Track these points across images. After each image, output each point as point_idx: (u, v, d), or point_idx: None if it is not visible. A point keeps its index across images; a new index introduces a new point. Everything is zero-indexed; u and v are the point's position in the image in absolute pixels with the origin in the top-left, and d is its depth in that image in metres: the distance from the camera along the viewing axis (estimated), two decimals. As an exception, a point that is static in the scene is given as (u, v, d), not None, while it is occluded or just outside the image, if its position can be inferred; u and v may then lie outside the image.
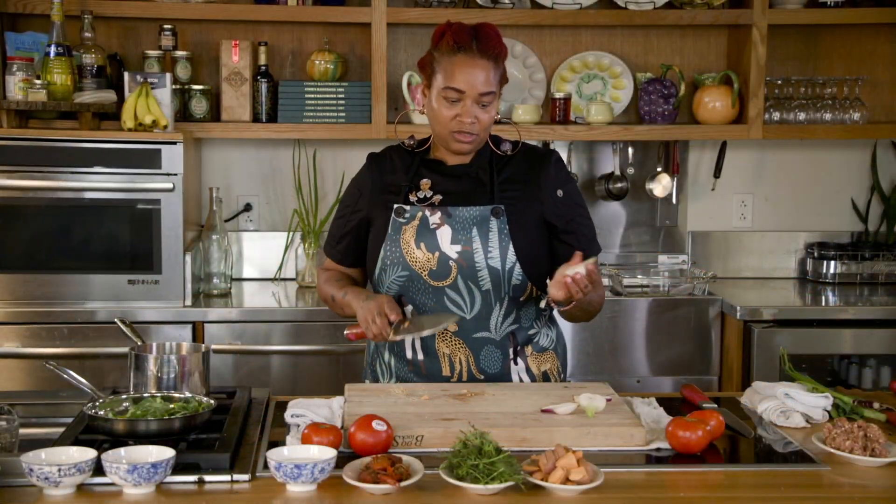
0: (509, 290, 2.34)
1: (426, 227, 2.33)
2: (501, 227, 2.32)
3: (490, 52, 2.29)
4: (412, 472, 1.76)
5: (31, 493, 1.74)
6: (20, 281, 3.41)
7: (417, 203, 2.36)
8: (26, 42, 3.64)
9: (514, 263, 2.31)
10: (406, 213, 2.34)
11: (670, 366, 3.67)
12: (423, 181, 2.39)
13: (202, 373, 2.16)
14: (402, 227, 2.34)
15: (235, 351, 3.44)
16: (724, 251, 4.19)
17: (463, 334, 2.34)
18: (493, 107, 2.31)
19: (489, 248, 2.31)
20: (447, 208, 2.33)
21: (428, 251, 2.32)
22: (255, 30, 3.93)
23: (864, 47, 4.13)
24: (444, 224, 2.33)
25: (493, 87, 2.29)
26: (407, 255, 2.33)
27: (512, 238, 2.31)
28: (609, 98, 4.03)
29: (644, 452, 1.97)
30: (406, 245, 2.33)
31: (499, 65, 2.31)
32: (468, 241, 2.31)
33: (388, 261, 2.35)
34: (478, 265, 2.31)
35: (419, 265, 2.32)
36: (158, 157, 3.40)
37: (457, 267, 2.31)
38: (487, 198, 2.35)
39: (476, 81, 2.27)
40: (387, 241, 2.35)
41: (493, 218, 2.32)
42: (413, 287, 2.34)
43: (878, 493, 1.79)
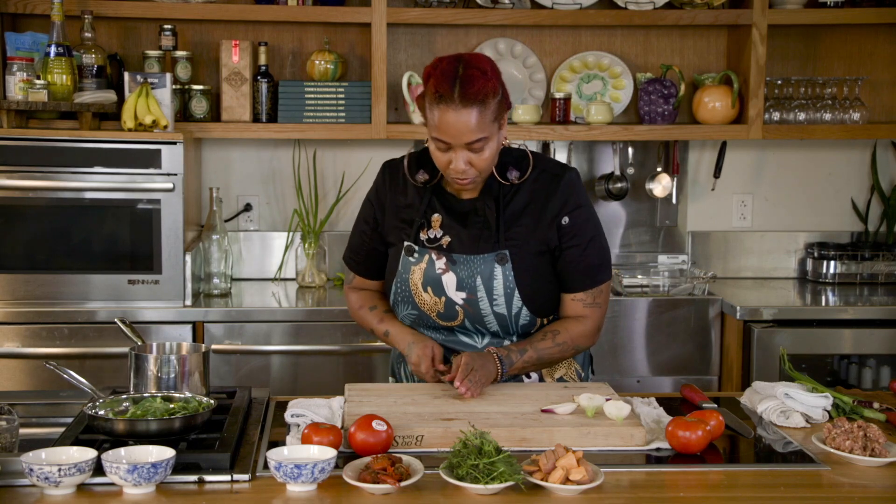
0: (517, 329, 2.35)
1: (433, 271, 2.32)
2: (507, 274, 2.29)
3: (474, 98, 2.14)
4: (412, 472, 1.76)
5: (32, 493, 1.74)
6: (20, 281, 3.41)
7: (427, 244, 2.33)
8: (26, 42, 3.64)
9: (520, 307, 2.31)
10: (415, 254, 2.33)
11: (670, 366, 3.67)
12: (434, 217, 2.34)
13: (202, 373, 2.16)
14: (411, 266, 2.33)
15: (235, 351, 3.44)
16: (724, 251, 4.19)
17: None
18: (490, 147, 2.20)
19: (494, 296, 2.30)
20: (452, 255, 2.31)
21: (434, 295, 2.32)
22: (255, 30, 3.93)
23: (864, 47, 4.13)
24: (448, 270, 2.31)
25: (484, 131, 2.17)
26: (416, 296, 2.34)
27: (517, 284, 2.29)
28: (609, 98, 4.03)
29: (644, 452, 1.97)
30: (414, 287, 2.33)
31: (488, 105, 2.16)
32: (472, 289, 2.30)
33: (399, 297, 2.36)
34: (483, 312, 2.31)
35: (427, 307, 2.34)
36: (158, 157, 3.40)
37: (463, 312, 2.32)
38: (492, 243, 2.29)
39: (461, 132, 2.16)
40: (397, 277, 2.35)
41: (497, 265, 2.29)
42: (423, 323, 2.37)
43: (878, 493, 1.79)
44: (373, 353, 3.48)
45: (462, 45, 4.02)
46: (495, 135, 2.21)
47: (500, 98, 2.21)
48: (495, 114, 2.19)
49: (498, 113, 2.21)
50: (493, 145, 2.21)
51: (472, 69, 2.17)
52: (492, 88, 2.18)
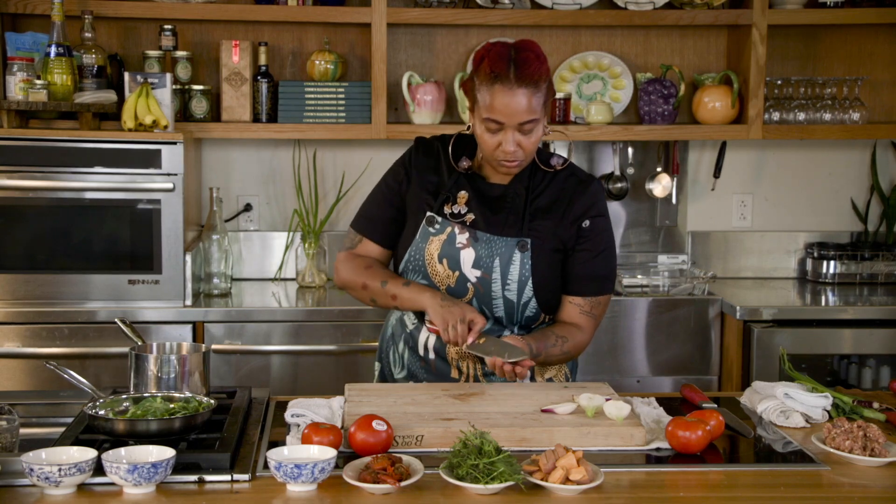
0: (521, 320, 2.37)
1: (452, 244, 2.33)
2: (524, 262, 2.32)
3: (529, 80, 2.21)
4: (412, 472, 1.76)
5: (32, 493, 1.74)
6: (20, 281, 3.41)
7: (450, 217, 2.35)
8: (27, 42, 3.64)
9: (530, 298, 2.34)
10: (437, 224, 2.35)
11: (670, 366, 3.67)
12: (460, 193, 2.37)
13: (202, 373, 2.16)
14: (429, 236, 2.34)
15: (235, 351, 3.44)
16: (724, 251, 4.20)
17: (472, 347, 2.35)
18: (537, 131, 2.27)
19: (508, 280, 2.32)
20: (476, 231, 2.33)
21: (449, 268, 2.33)
22: (255, 30, 3.93)
23: (864, 47, 4.13)
24: (469, 246, 2.33)
25: (535, 113, 2.23)
26: (429, 266, 2.34)
27: (533, 274, 2.32)
28: (609, 98, 4.03)
29: (644, 452, 1.97)
30: (430, 256, 2.34)
31: (540, 88, 2.23)
32: (489, 269, 2.32)
33: (410, 265, 2.37)
34: (494, 294, 2.33)
35: (439, 279, 2.34)
36: (158, 158, 3.40)
37: (474, 290, 2.33)
38: (517, 228, 2.34)
39: (515, 112, 2.21)
40: (413, 246, 2.36)
41: (517, 251, 2.32)
42: None
43: (878, 492, 1.79)
44: (373, 353, 3.48)
45: (462, 45, 4.02)
46: (543, 119, 2.28)
47: (549, 84, 2.28)
48: (545, 97, 2.26)
49: (547, 97, 2.27)
50: (540, 130, 2.28)
51: (526, 52, 2.25)
52: (544, 72, 2.26)
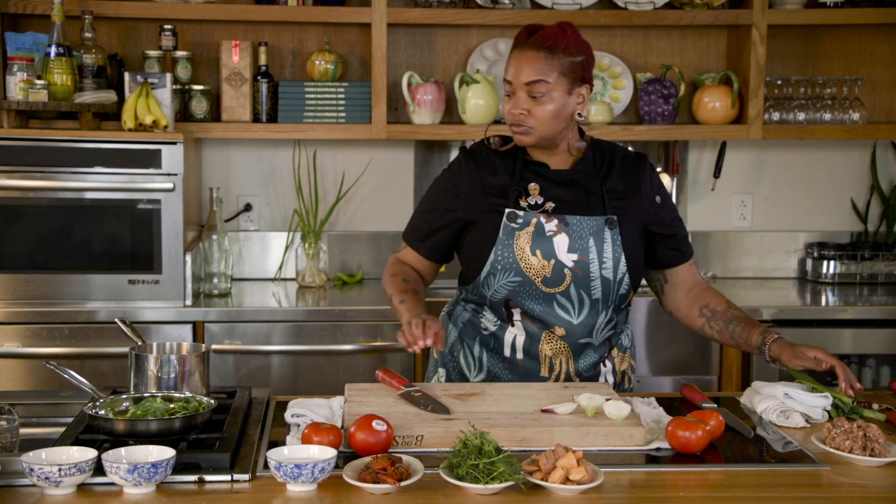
0: (616, 300, 2.38)
1: (542, 234, 2.32)
2: (615, 238, 2.34)
3: (543, 44, 2.27)
4: (412, 471, 1.76)
5: (32, 493, 1.74)
6: (20, 281, 3.41)
7: (529, 209, 2.35)
8: (27, 42, 3.64)
9: (624, 274, 2.35)
10: (519, 219, 2.34)
11: (670, 366, 3.67)
12: (531, 185, 2.37)
13: (202, 373, 2.16)
14: (514, 232, 2.33)
15: (235, 351, 3.44)
16: (724, 251, 4.20)
17: (569, 339, 2.37)
18: (551, 100, 2.28)
19: (604, 258, 2.33)
20: (564, 216, 2.33)
21: (544, 258, 2.32)
22: (255, 30, 3.93)
23: (864, 47, 4.14)
24: (561, 232, 2.33)
25: (545, 76, 2.26)
26: (521, 261, 2.33)
27: (624, 249, 2.35)
28: (609, 98, 4.03)
29: (644, 452, 1.97)
30: (520, 251, 2.32)
31: (555, 55, 2.26)
32: (584, 250, 2.33)
33: (498, 265, 2.34)
34: (592, 275, 2.33)
35: (533, 271, 2.33)
36: (159, 158, 3.40)
37: (571, 275, 2.33)
38: (600, 208, 2.36)
39: (521, 70, 2.27)
40: (498, 245, 2.34)
41: (607, 228, 2.34)
42: (524, 292, 2.35)
43: (878, 492, 1.79)
44: (373, 353, 3.48)
45: (462, 45, 4.03)
46: (561, 93, 2.29)
47: (576, 63, 2.29)
48: (565, 70, 2.28)
49: (570, 72, 2.29)
50: (556, 102, 2.29)
51: (555, 25, 2.31)
52: (565, 43, 2.28)
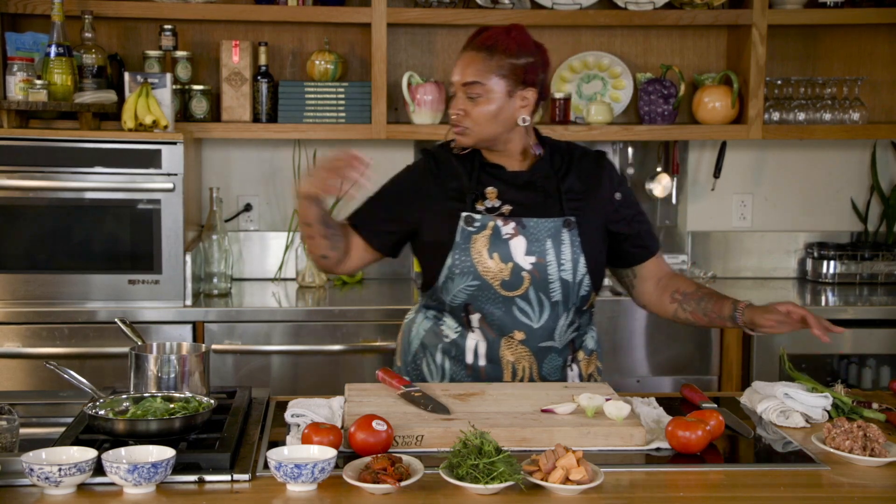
0: (577, 301, 2.37)
1: (499, 238, 2.32)
2: (573, 240, 2.33)
3: (483, 45, 2.28)
4: (412, 471, 1.76)
5: (32, 493, 1.74)
6: (20, 281, 3.41)
7: (486, 212, 2.34)
8: (27, 42, 3.64)
9: (583, 275, 2.35)
10: (476, 223, 2.33)
11: (670, 366, 3.67)
12: (488, 189, 2.36)
13: (202, 373, 2.16)
14: (471, 235, 2.32)
15: (235, 351, 3.44)
16: (724, 251, 4.20)
17: (529, 343, 2.36)
18: (487, 102, 2.27)
19: (562, 260, 2.32)
20: (521, 219, 2.33)
21: (501, 261, 2.31)
22: (255, 30, 3.93)
23: (864, 47, 4.14)
24: (518, 235, 2.32)
25: (481, 78, 2.26)
26: (479, 265, 2.32)
27: (583, 250, 2.34)
28: (609, 98, 4.03)
29: (644, 452, 1.97)
30: (477, 255, 2.32)
31: (495, 56, 2.26)
32: (542, 252, 2.32)
33: (456, 269, 2.33)
34: (550, 277, 2.32)
35: (491, 275, 2.32)
36: (158, 158, 3.40)
37: (530, 278, 2.32)
38: (558, 209, 2.35)
39: (460, 70, 2.29)
40: (455, 249, 2.33)
41: (565, 230, 2.33)
42: (483, 296, 2.34)
43: (878, 492, 1.79)
44: (373, 353, 3.48)
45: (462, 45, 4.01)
46: (499, 96, 2.27)
47: (519, 65, 2.28)
48: (505, 72, 2.27)
49: (510, 75, 2.27)
50: (494, 104, 2.28)
51: (501, 27, 2.30)
52: (506, 45, 2.27)
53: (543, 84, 2.35)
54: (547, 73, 2.36)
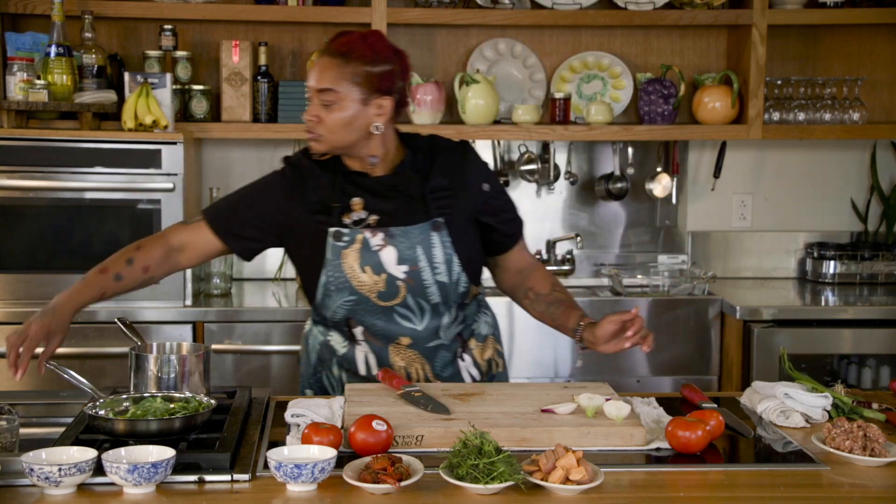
0: (456, 299, 2.35)
1: (368, 250, 2.28)
2: (444, 241, 2.30)
3: (338, 51, 2.22)
4: (412, 471, 1.76)
5: (32, 493, 1.74)
6: (20, 281, 3.41)
7: (353, 225, 2.29)
8: (27, 42, 3.64)
9: (459, 273, 2.32)
10: (345, 237, 2.28)
11: (670, 366, 3.67)
12: (353, 200, 2.30)
13: (202, 373, 2.16)
14: (341, 251, 2.28)
15: (235, 351, 3.44)
16: (724, 251, 4.20)
17: (417, 346, 2.35)
18: (340, 109, 2.22)
19: (435, 265, 2.30)
20: (388, 229, 2.29)
21: (374, 274, 2.28)
22: (255, 30, 3.93)
23: (864, 47, 4.14)
24: (387, 245, 2.28)
25: (334, 85, 2.20)
26: (352, 280, 2.28)
27: (455, 249, 2.31)
28: (609, 98, 4.03)
29: (644, 452, 1.97)
30: (350, 270, 2.28)
31: (349, 63, 2.21)
32: (414, 260, 2.29)
33: (331, 286, 2.30)
34: (426, 282, 2.30)
35: (367, 289, 2.29)
36: (159, 158, 3.40)
37: (405, 286, 2.29)
38: (423, 212, 2.31)
39: (314, 76, 2.23)
40: (327, 266, 2.29)
41: (434, 233, 2.30)
42: (361, 309, 2.31)
43: (878, 492, 1.79)
44: (373, 353, 3.48)
45: (462, 45, 4.03)
46: (353, 103, 2.22)
47: (374, 73, 2.22)
48: (359, 79, 2.21)
49: (364, 82, 2.22)
50: (346, 110, 2.22)
51: (357, 33, 2.25)
52: (361, 52, 2.21)
53: (402, 92, 2.30)
54: (407, 80, 2.31)
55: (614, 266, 4.05)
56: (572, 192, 4.13)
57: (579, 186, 4.12)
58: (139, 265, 2.31)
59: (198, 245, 2.35)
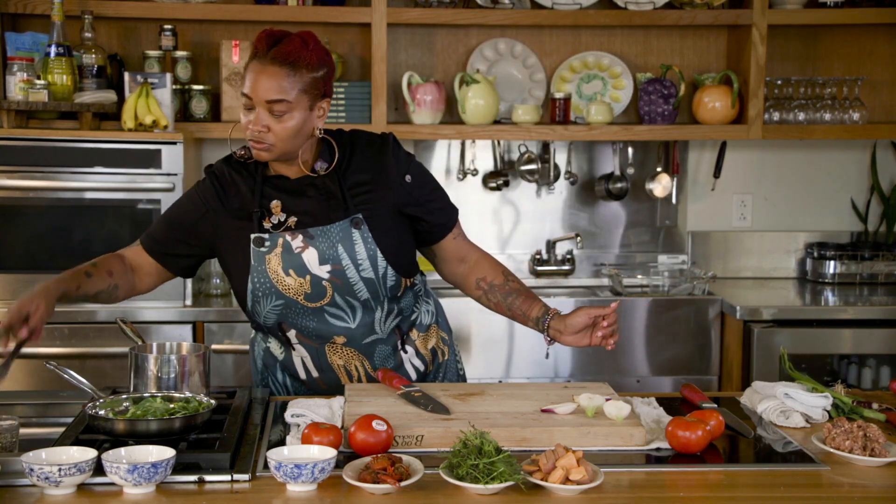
0: (386, 293, 2.33)
1: (290, 253, 2.26)
2: (366, 237, 2.28)
3: (285, 59, 2.16)
4: (412, 472, 1.76)
5: (32, 493, 1.74)
6: (20, 281, 3.41)
7: (273, 229, 2.28)
8: (27, 42, 3.64)
9: (385, 268, 2.30)
10: (266, 242, 2.27)
11: (670, 366, 3.67)
12: (272, 203, 2.29)
13: (202, 373, 2.16)
14: (264, 256, 2.27)
15: (235, 351, 3.44)
16: (724, 251, 4.20)
17: (353, 343, 2.34)
18: (293, 118, 2.20)
19: (359, 261, 2.28)
20: (307, 230, 2.27)
21: (298, 276, 2.27)
22: (255, 30, 3.92)
23: (864, 47, 4.14)
24: (308, 247, 2.27)
25: (286, 95, 2.17)
26: (278, 284, 2.27)
27: (378, 245, 2.29)
28: (609, 98, 4.03)
29: (644, 452, 1.97)
30: (274, 274, 2.26)
31: (298, 72, 2.18)
32: (336, 259, 2.27)
33: (259, 293, 2.28)
34: (352, 280, 2.28)
35: (293, 291, 2.27)
36: (158, 157, 3.41)
37: (331, 286, 2.28)
38: (342, 210, 2.29)
39: (263, 89, 2.17)
40: (252, 273, 2.27)
41: (354, 230, 2.28)
42: (292, 312, 2.30)
43: (878, 492, 1.79)
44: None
45: (462, 45, 4.03)
46: (302, 110, 2.21)
47: (318, 78, 2.21)
48: (307, 87, 2.20)
49: (311, 89, 2.21)
50: (297, 119, 2.20)
51: (296, 37, 2.21)
52: (308, 59, 2.19)
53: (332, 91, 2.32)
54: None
55: (614, 266, 4.05)
56: (572, 192, 4.13)
57: (579, 186, 4.12)
58: (104, 269, 2.28)
59: (142, 268, 2.36)
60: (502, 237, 4.13)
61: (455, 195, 2.53)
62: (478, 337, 3.61)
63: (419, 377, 2.44)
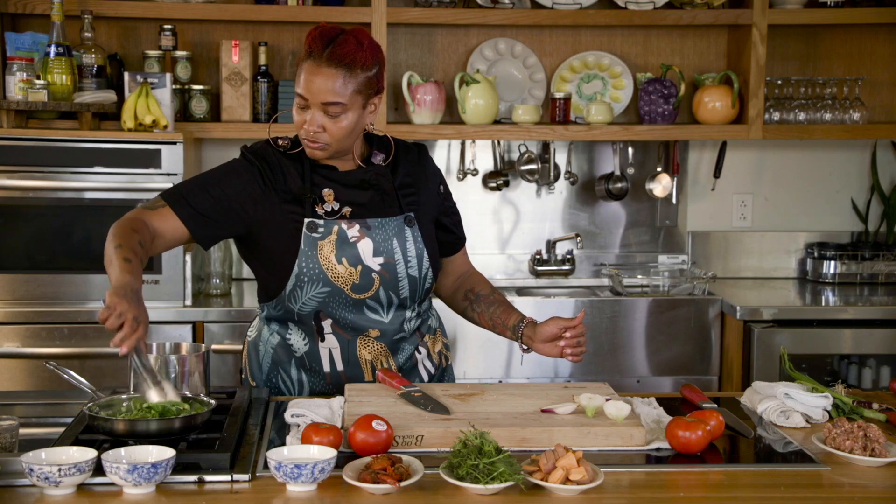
0: (421, 294, 2.37)
1: (345, 241, 2.27)
2: (416, 236, 2.33)
3: (340, 61, 2.16)
4: (412, 472, 1.76)
5: (31, 493, 1.74)
6: (20, 281, 3.41)
7: (326, 216, 2.28)
8: (26, 42, 3.64)
9: (427, 269, 2.35)
10: (320, 228, 2.27)
11: (670, 366, 3.67)
12: (325, 191, 2.30)
13: (202, 373, 2.16)
14: (317, 242, 2.26)
15: (235, 351, 3.44)
16: (724, 251, 4.20)
17: (384, 339, 2.35)
18: (347, 118, 2.20)
19: (409, 257, 2.32)
20: (365, 220, 2.29)
21: (350, 265, 2.27)
22: (255, 30, 3.93)
23: (864, 47, 4.14)
24: (364, 237, 2.28)
25: (341, 97, 2.17)
26: (328, 271, 2.26)
27: (425, 245, 2.34)
28: (609, 98, 4.03)
29: (644, 452, 1.96)
30: (325, 261, 2.26)
31: (354, 73, 2.18)
32: (390, 252, 2.30)
33: (304, 277, 2.27)
34: (399, 275, 2.31)
35: (341, 280, 2.27)
36: (158, 157, 3.40)
37: (379, 279, 2.29)
38: (396, 207, 2.33)
39: (319, 90, 2.17)
40: (301, 257, 2.26)
41: (407, 227, 2.33)
42: (333, 301, 2.29)
43: (878, 493, 1.79)
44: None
45: (462, 45, 4.03)
46: (357, 110, 2.22)
47: (372, 76, 2.23)
48: (361, 87, 2.21)
49: (365, 89, 2.22)
50: (351, 118, 2.21)
51: (349, 36, 2.21)
52: (362, 59, 2.20)
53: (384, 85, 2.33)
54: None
55: (614, 266, 4.05)
56: (572, 192, 4.13)
57: (579, 186, 4.12)
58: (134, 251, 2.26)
59: (165, 232, 2.26)
60: (502, 237, 4.13)
61: (455, 195, 2.54)
62: (478, 337, 3.61)
63: (429, 380, 2.45)
